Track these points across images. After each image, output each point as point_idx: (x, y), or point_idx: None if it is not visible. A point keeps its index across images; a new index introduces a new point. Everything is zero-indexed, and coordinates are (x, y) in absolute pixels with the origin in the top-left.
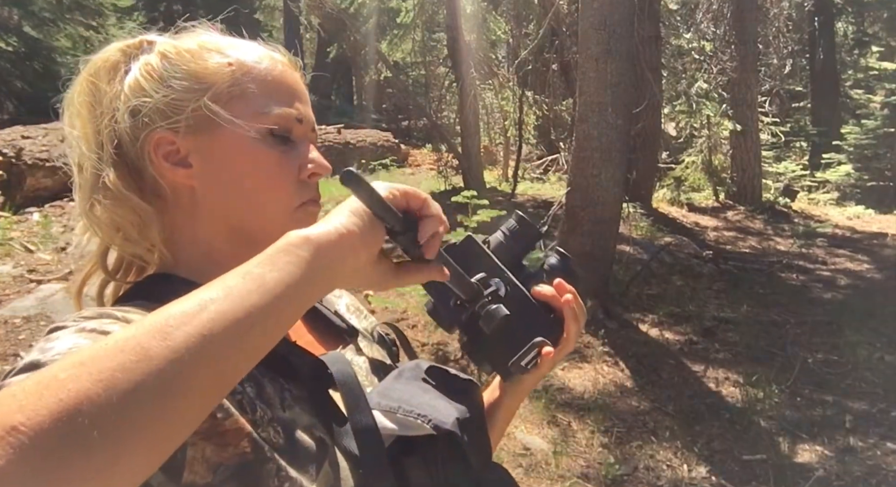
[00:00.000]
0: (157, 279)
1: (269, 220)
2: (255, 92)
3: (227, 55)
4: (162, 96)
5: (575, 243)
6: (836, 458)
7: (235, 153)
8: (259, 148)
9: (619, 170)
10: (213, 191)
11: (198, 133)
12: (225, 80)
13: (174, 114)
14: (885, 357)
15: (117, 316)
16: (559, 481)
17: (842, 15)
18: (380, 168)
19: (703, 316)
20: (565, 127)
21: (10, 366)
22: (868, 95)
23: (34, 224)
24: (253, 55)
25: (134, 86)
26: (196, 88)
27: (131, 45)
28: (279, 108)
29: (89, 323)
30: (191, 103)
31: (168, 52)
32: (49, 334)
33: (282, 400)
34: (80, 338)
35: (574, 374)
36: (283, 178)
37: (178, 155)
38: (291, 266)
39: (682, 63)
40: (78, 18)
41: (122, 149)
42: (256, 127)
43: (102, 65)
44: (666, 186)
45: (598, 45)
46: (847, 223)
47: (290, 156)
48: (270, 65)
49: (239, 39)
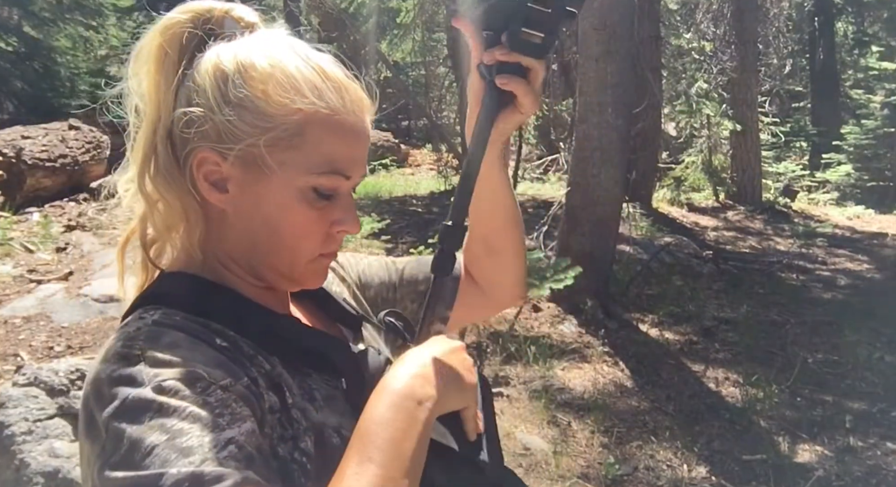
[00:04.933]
0: (188, 280)
1: (287, 262)
2: (315, 146)
3: (302, 95)
4: (224, 119)
5: (575, 243)
6: (836, 458)
7: (275, 199)
8: (300, 202)
9: (619, 170)
10: (243, 223)
11: (245, 167)
12: (288, 127)
13: (228, 141)
14: (885, 357)
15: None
16: (559, 481)
17: (842, 15)
18: (380, 168)
19: (702, 316)
20: (565, 127)
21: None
22: (868, 95)
23: (34, 224)
24: (329, 100)
25: (201, 89)
26: (257, 125)
27: (214, 14)
28: (332, 172)
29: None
30: (248, 138)
31: (244, 68)
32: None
33: (312, 401)
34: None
35: (574, 374)
36: (314, 233)
37: (218, 176)
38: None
39: (682, 63)
40: (78, 18)
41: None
42: (302, 183)
43: (176, 29)
44: (666, 186)
45: (598, 45)
46: (847, 223)
47: (328, 213)
48: (343, 115)
49: (324, 64)
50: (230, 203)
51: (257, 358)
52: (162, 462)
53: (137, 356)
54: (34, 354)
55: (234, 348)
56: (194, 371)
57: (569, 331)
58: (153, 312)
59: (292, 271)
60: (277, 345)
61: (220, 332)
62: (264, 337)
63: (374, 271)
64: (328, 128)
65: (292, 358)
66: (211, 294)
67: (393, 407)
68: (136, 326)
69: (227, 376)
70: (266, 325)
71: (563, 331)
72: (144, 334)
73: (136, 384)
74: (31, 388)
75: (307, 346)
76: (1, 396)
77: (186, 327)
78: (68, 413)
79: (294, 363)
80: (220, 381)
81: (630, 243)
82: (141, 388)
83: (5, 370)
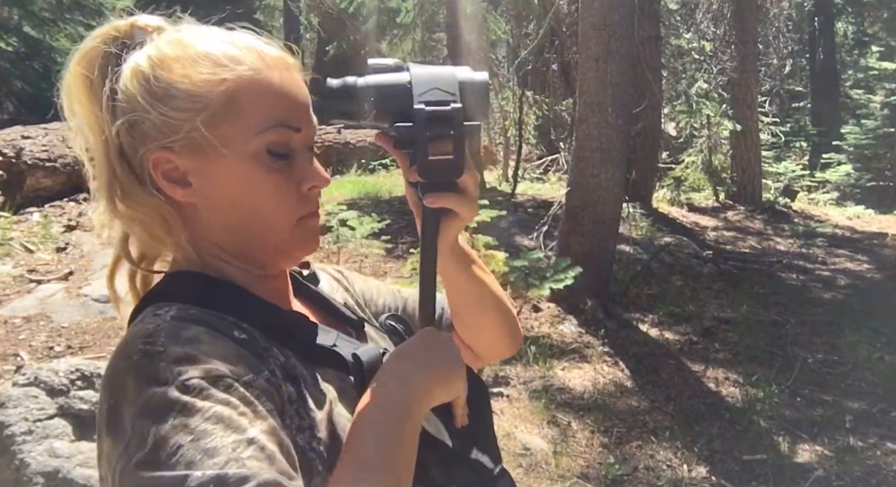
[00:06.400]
0: (192, 278)
1: (271, 236)
2: (251, 108)
3: (221, 66)
4: (158, 114)
5: (575, 243)
6: (836, 458)
7: (234, 175)
8: (257, 169)
9: (619, 170)
10: (215, 211)
11: (195, 153)
12: (219, 100)
13: (170, 134)
14: (885, 357)
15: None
16: (559, 481)
17: (842, 15)
18: (380, 168)
19: (702, 316)
20: (565, 127)
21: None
22: (868, 95)
23: (34, 224)
24: (249, 63)
25: (129, 97)
26: (189, 108)
27: (121, 31)
28: (277, 125)
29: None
30: (185, 124)
31: (159, 61)
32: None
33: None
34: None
35: (574, 374)
36: (284, 196)
37: (176, 172)
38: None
39: (682, 63)
40: (78, 18)
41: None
42: (253, 149)
43: (92, 54)
44: (666, 186)
45: (598, 45)
46: (847, 223)
47: (290, 173)
48: (268, 72)
49: (235, 37)
50: (197, 195)
51: (272, 350)
52: (187, 463)
53: (160, 353)
54: (34, 354)
55: (253, 340)
56: (217, 368)
57: (569, 331)
58: (167, 308)
59: (282, 244)
60: (288, 339)
61: (237, 325)
62: (274, 330)
63: (380, 293)
64: (257, 88)
65: (304, 351)
66: (216, 288)
67: (384, 405)
68: (154, 323)
69: (249, 371)
70: (274, 319)
71: (563, 331)
72: (165, 330)
73: (160, 382)
74: (31, 388)
75: (316, 341)
76: (1, 396)
77: (205, 320)
78: (68, 413)
79: (306, 356)
80: (242, 377)
81: (630, 243)
82: (165, 387)
83: (5, 370)
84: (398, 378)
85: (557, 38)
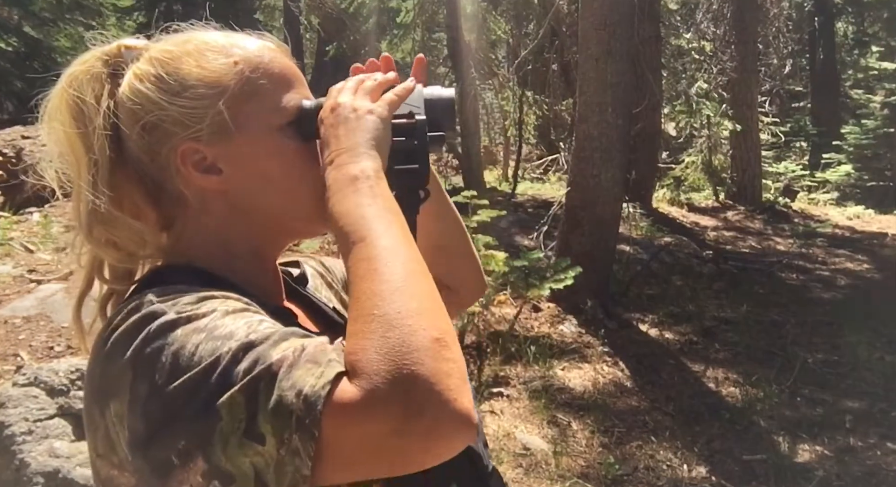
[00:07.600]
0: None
1: (299, 210)
2: (267, 86)
3: (230, 53)
4: (178, 108)
5: (575, 243)
6: (836, 458)
7: (263, 152)
8: (283, 142)
9: (619, 170)
10: (247, 192)
11: (222, 139)
12: (236, 81)
13: (194, 124)
14: (885, 357)
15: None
16: (559, 481)
17: (842, 15)
18: None
19: (702, 316)
20: (565, 127)
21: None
22: (868, 95)
23: (34, 224)
24: (253, 49)
25: (141, 101)
26: (210, 94)
27: (110, 53)
28: (293, 99)
29: (210, 305)
30: (209, 110)
31: (166, 60)
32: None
33: None
34: (238, 319)
35: (574, 374)
36: (315, 162)
37: (206, 162)
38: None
39: (682, 63)
40: (78, 18)
41: (140, 165)
42: (277, 123)
43: (83, 77)
44: (666, 186)
45: (598, 45)
46: (847, 223)
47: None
48: (271, 55)
49: (232, 33)
50: (229, 180)
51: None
52: (211, 352)
53: (149, 301)
54: (34, 354)
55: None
56: (210, 292)
57: (569, 331)
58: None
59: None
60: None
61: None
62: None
63: None
64: (266, 67)
65: None
66: (209, 277)
67: (350, 195)
68: (136, 300)
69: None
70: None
71: (563, 331)
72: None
73: (155, 317)
74: (31, 388)
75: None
76: (1, 396)
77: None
78: (68, 413)
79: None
80: (239, 299)
81: (630, 243)
82: (162, 317)
83: (5, 370)
84: (337, 171)
85: (557, 38)
